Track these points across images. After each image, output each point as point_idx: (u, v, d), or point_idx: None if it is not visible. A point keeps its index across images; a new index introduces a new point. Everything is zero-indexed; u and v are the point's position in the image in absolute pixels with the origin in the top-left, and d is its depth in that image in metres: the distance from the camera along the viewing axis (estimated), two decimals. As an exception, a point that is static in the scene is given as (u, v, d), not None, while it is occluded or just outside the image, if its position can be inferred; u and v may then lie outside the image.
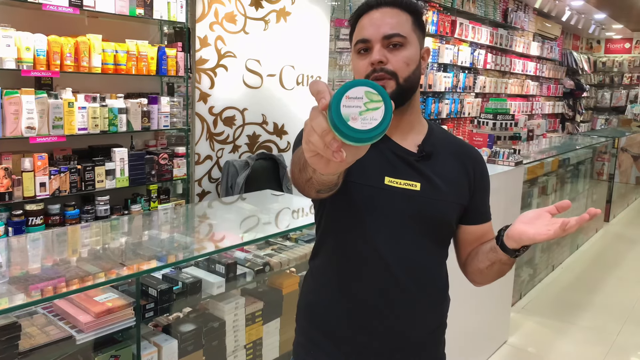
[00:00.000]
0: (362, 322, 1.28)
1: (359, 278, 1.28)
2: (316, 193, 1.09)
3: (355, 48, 1.27)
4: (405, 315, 1.28)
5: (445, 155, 1.31)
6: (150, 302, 1.96)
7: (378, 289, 1.27)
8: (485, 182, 1.38)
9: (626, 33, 11.77)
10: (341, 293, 1.30)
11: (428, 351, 1.36)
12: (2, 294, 1.65)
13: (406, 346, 1.30)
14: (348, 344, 1.29)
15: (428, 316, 1.33)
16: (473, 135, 3.97)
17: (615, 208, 7.22)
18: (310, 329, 1.36)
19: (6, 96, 2.78)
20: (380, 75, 1.22)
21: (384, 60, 1.22)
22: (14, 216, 2.89)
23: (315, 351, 1.33)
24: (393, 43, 1.23)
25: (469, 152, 1.37)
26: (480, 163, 1.37)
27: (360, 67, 1.25)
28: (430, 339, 1.36)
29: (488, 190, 1.40)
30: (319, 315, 1.34)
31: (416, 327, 1.31)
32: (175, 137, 3.97)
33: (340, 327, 1.30)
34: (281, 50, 4.24)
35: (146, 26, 3.71)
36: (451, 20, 6.47)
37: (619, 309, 4.23)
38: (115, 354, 1.87)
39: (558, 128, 10.72)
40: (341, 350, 1.30)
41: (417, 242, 1.26)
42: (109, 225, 2.78)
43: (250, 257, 2.48)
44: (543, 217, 1.17)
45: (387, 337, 1.28)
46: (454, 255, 1.46)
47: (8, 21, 2.85)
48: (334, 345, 1.31)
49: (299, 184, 1.10)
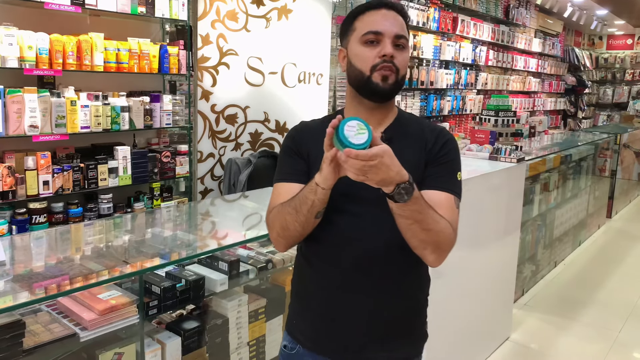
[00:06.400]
0: (336, 299, 1.41)
1: (330, 259, 1.41)
2: (315, 219, 1.32)
3: (364, 38, 1.36)
4: (379, 290, 1.39)
5: (408, 138, 1.41)
6: (153, 300, 1.97)
7: (349, 268, 1.38)
8: (444, 154, 1.40)
9: (628, 29, 11.73)
10: (318, 272, 1.44)
11: (403, 327, 1.45)
12: (7, 291, 1.65)
13: (382, 321, 1.40)
14: (324, 319, 1.44)
15: (401, 291, 1.42)
16: (475, 132, 3.97)
17: (617, 204, 7.22)
18: (295, 302, 1.53)
19: (9, 95, 2.79)
20: (389, 66, 1.34)
21: (394, 55, 1.34)
22: (17, 214, 2.90)
23: (297, 321, 1.51)
24: (400, 43, 1.36)
25: (432, 131, 1.44)
26: (441, 139, 1.42)
27: (368, 56, 1.35)
28: (407, 314, 1.45)
29: (451, 164, 1.41)
30: (300, 292, 1.51)
31: (391, 302, 1.40)
32: (178, 135, 3.98)
33: (319, 302, 1.44)
34: (283, 48, 4.24)
35: (148, 24, 3.71)
36: (453, 17, 6.46)
37: (622, 305, 4.23)
38: (119, 352, 1.88)
39: (560, 125, 10.70)
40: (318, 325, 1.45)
41: (382, 220, 1.32)
42: (112, 223, 2.78)
43: (253, 254, 2.49)
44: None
45: (361, 314, 1.39)
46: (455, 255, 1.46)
47: (10, 20, 2.86)
48: (312, 320, 1.46)
49: (296, 225, 1.32)
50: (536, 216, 4.55)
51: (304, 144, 1.43)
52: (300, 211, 1.30)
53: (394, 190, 1.19)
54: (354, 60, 1.38)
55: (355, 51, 1.37)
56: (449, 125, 6.54)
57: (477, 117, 4.16)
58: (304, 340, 1.48)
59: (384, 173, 1.16)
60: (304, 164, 1.42)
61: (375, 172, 1.15)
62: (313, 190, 1.26)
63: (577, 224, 5.68)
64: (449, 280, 2.78)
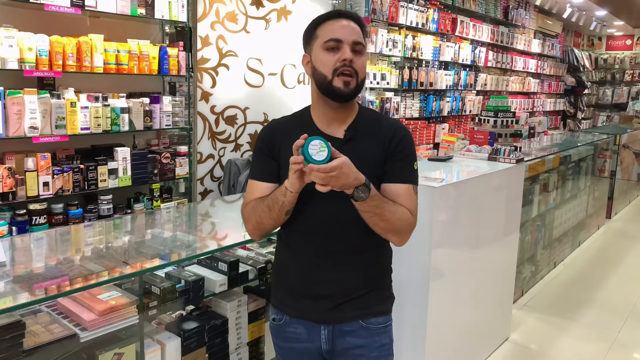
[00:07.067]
0: (312, 271, 1.63)
1: (304, 240, 1.64)
2: (285, 215, 1.56)
3: (326, 45, 1.53)
4: (342, 266, 1.62)
5: (367, 134, 1.60)
6: (153, 300, 1.98)
7: (319, 248, 1.61)
8: (401, 150, 1.60)
9: (627, 30, 11.74)
10: (295, 252, 1.67)
11: (369, 294, 1.66)
12: (7, 292, 1.66)
13: (351, 285, 1.63)
14: (298, 293, 1.67)
15: (360, 265, 1.63)
16: (474, 133, 3.98)
17: (616, 205, 7.22)
18: (277, 279, 1.75)
19: (9, 96, 2.80)
20: (349, 70, 1.51)
21: (353, 60, 1.52)
22: (17, 216, 2.91)
23: (281, 295, 1.72)
24: (357, 49, 1.54)
25: (389, 128, 1.62)
26: (397, 136, 1.60)
27: (329, 61, 1.52)
28: (370, 284, 1.66)
29: (408, 158, 1.61)
30: (282, 270, 1.73)
31: (354, 275, 1.63)
32: (178, 136, 3.99)
33: (297, 276, 1.66)
34: (282, 49, 4.25)
35: (148, 26, 3.72)
36: (452, 18, 6.47)
37: (621, 306, 4.23)
38: (118, 352, 1.88)
39: (559, 125, 10.70)
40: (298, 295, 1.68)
41: (346, 208, 1.51)
42: (112, 224, 2.79)
43: (252, 255, 2.49)
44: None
45: (333, 281, 1.62)
46: (454, 256, 1.47)
47: (10, 22, 2.86)
48: (293, 291, 1.68)
49: (269, 220, 1.57)
50: (535, 217, 4.55)
51: (276, 143, 1.62)
52: (272, 209, 1.54)
53: (354, 192, 1.44)
54: (317, 64, 1.55)
55: (318, 57, 1.55)
56: (448, 126, 6.55)
57: (476, 118, 4.16)
58: (288, 310, 1.69)
59: (344, 180, 1.40)
60: (274, 164, 1.62)
61: (336, 180, 1.40)
62: (283, 193, 1.50)
63: (577, 224, 5.69)
64: (449, 280, 2.79)
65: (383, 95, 5.47)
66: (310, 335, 1.67)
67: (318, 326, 1.65)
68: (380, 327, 1.68)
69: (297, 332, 1.68)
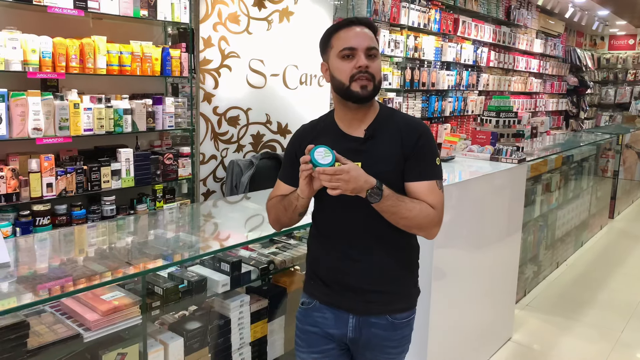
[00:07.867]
0: (339, 265, 1.72)
1: (334, 235, 1.73)
2: (299, 216, 1.74)
3: (341, 53, 1.62)
4: (370, 262, 1.69)
5: (387, 132, 1.67)
6: (156, 301, 1.99)
7: (348, 244, 1.70)
8: (420, 148, 1.65)
9: (630, 29, 11.72)
10: (325, 244, 1.76)
11: (396, 290, 1.74)
12: (11, 293, 1.67)
13: (377, 277, 1.70)
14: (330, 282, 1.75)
15: (386, 261, 1.70)
16: (476, 133, 3.98)
17: (619, 205, 7.21)
18: (311, 268, 1.83)
19: (12, 98, 2.81)
20: (365, 76, 1.60)
21: (369, 65, 1.60)
22: (21, 217, 2.92)
23: (314, 281, 1.80)
24: (371, 54, 1.62)
25: (407, 126, 1.68)
26: (416, 133, 1.66)
27: (346, 69, 1.61)
28: (397, 280, 1.74)
29: (427, 155, 1.66)
30: (314, 260, 1.82)
31: (382, 270, 1.70)
32: (180, 137, 4.00)
33: (326, 269, 1.75)
34: (284, 50, 4.26)
35: (150, 27, 3.73)
36: (454, 19, 6.47)
37: (624, 306, 4.23)
38: (122, 352, 1.89)
39: (562, 125, 10.69)
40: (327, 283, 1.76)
41: (368, 205, 1.58)
42: (115, 224, 2.80)
43: (255, 255, 2.50)
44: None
45: (357, 278, 1.70)
46: (456, 256, 1.48)
47: (14, 24, 2.88)
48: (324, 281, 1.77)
49: (285, 218, 1.75)
50: (538, 217, 4.55)
51: (302, 149, 1.65)
52: (287, 210, 1.71)
53: (367, 195, 1.54)
54: (335, 73, 1.65)
55: (335, 65, 1.64)
56: (450, 126, 6.55)
57: (478, 118, 4.16)
58: (320, 296, 1.77)
59: (354, 184, 1.51)
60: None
61: (346, 184, 1.50)
62: (296, 197, 1.66)
63: (579, 224, 5.68)
64: (451, 281, 2.79)
65: (385, 95, 5.47)
66: (337, 323, 1.74)
67: (347, 314, 1.72)
68: (404, 321, 1.76)
69: (325, 317, 1.76)
